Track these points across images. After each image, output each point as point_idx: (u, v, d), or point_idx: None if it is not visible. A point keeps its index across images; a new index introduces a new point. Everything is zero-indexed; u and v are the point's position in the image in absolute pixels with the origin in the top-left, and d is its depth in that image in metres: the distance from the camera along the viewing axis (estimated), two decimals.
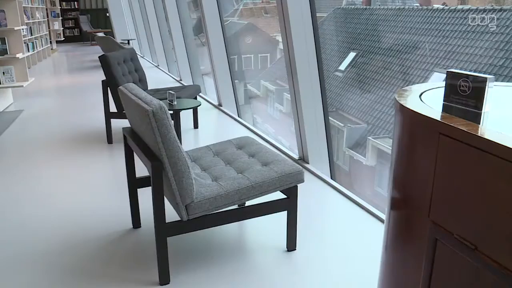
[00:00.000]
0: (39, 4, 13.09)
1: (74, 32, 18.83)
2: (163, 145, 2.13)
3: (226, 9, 11.31)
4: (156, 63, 10.86)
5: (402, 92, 1.64)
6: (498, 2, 14.51)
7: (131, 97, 2.37)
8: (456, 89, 1.46)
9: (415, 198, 1.44)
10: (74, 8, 18.76)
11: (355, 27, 11.37)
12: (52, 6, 16.64)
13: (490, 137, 1.16)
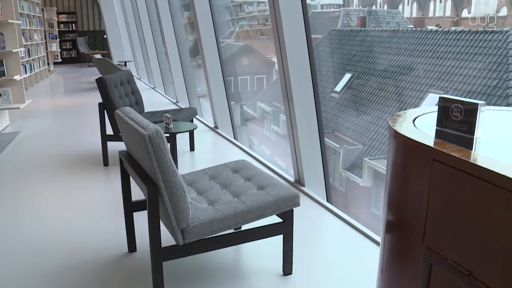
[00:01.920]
0: (37, 26, 13.20)
1: (72, 53, 18.94)
2: (159, 169, 2.14)
3: (222, 31, 11.41)
4: (153, 85, 10.91)
5: (395, 117, 1.66)
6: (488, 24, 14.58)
7: (127, 121, 2.38)
8: (448, 115, 1.48)
9: (409, 223, 1.45)
10: (72, 30, 18.90)
11: (351, 48, 11.49)
12: (50, 28, 16.77)
13: (482, 164, 1.17)
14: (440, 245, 1.30)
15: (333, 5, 16.89)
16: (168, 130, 4.08)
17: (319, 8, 14.83)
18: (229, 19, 10.20)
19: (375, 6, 16.25)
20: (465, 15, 16.40)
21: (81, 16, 19.04)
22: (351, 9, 14.36)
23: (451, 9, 17.52)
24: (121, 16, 14.43)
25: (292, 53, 3.74)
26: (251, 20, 10.97)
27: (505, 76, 7.77)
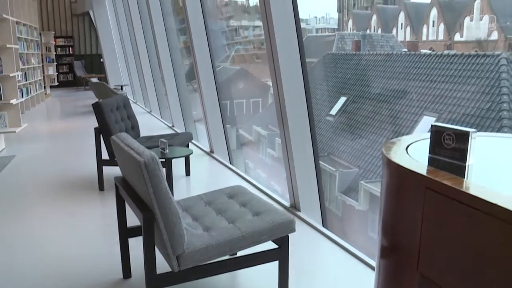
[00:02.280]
0: (35, 50, 13.27)
1: (68, 77, 19.01)
2: (155, 195, 2.14)
3: (218, 55, 11.54)
4: (149, 109, 10.95)
5: (389, 145, 1.67)
6: (482, 48, 14.93)
7: (123, 147, 2.39)
8: (441, 142, 1.50)
9: (404, 250, 1.45)
10: (69, 54, 19.01)
11: (346, 72, 11.61)
12: (48, 52, 16.86)
13: (474, 192, 1.19)
14: (434, 272, 1.31)
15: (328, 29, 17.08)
16: (164, 156, 4.09)
17: (314, 32, 15.01)
18: (225, 43, 10.32)
19: (369, 30, 16.45)
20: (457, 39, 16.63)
21: (78, 40, 19.18)
22: (345, 33, 14.54)
23: (444, 33, 17.77)
24: (118, 40, 14.56)
25: (286, 77, 3.78)
26: (246, 45, 11.10)
27: (498, 99, 7.86)
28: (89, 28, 19.13)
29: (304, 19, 15.00)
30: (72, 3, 18.90)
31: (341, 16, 25.47)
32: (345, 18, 23.31)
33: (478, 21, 17.94)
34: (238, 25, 11.27)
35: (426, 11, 20.04)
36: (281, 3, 3.71)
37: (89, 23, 19.03)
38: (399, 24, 19.00)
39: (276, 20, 3.70)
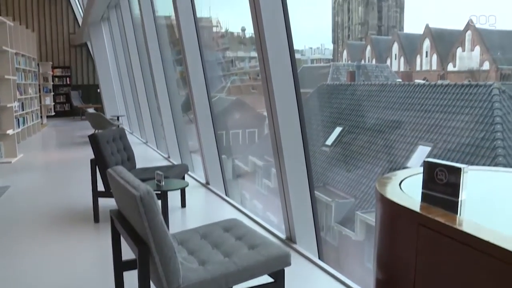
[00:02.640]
0: (32, 80, 13.36)
1: (65, 107, 19.09)
2: (150, 229, 2.14)
3: (214, 85, 11.65)
4: (145, 139, 10.97)
5: (382, 180, 1.69)
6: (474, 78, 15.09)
7: (119, 180, 2.40)
8: (433, 178, 1.52)
9: (398, 285, 1.46)
10: (66, 84, 19.13)
11: (341, 102, 11.71)
12: (45, 82, 16.99)
13: (467, 229, 1.20)
14: None
15: (323, 59, 17.30)
16: (160, 188, 4.09)
17: (309, 63, 15.20)
18: (221, 74, 10.43)
19: (364, 60, 16.66)
20: (450, 69, 16.83)
21: (76, 70, 19.35)
22: (340, 64, 14.73)
23: (437, 63, 18.01)
24: (115, 70, 14.69)
25: (281, 108, 3.82)
26: (242, 75, 11.22)
27: (491, 128, 7.93)
28: (87, 58, 19.33)
29: (299, 50, 15.23)
30: (71, 34, 19.14)
31: (336, 47, 25.81)
32: (340, 49, 23.63)
33: (470, 51, 18.24)
34: (234, 56, 11.42)
35: (419, 41, 20.35)
36: (276, 35, 3.78)
37: (86, 53, 19.24)
38: (393, 55, 19.28)
39: (271, 51, 3.76)
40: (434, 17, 39.30)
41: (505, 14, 7.81)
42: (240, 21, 17.76)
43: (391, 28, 29.00)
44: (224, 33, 12.89)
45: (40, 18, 18.75)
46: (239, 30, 15.57)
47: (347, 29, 30.19)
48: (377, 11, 29.58)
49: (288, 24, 3.83)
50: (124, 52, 12.08)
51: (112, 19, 12.97)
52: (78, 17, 19.01)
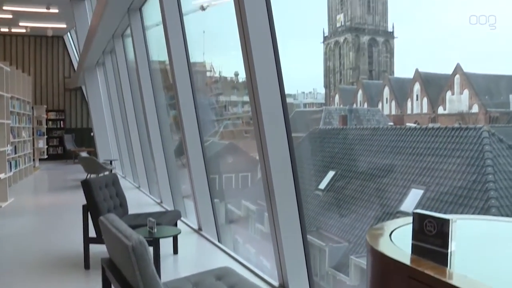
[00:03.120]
0: (26, 124, 13.40)
1: (58, 150, 19.07)
2: (142, 279, 2.12)
3: (207, 129, 11.75)
4: (138, 184, 10.94)
5: (373, 232, 1.71)
6: (464, 120, 15.22)
7: (111, 229, 2.40)
8: (423, 229, 1.54)
9: None
10: (59, 127, 19.19)
11: (333, 146, 11.81)
12: (39, 125, 17.03)
13: (457, 283, 1.21)
14: None
15: (316, 104, 17.57)
16: (152, 235, 4.07)
17: (301, 107, 15.44)
18: (214, 119, 10.54)
19: (355, 104, 16.89)
20: (441, 112, 17.04)
21: (70, 113, 19.48)
22: (332, 108, 14.96)
23: (428, 106, 18.26)
24: (109, 114, 14.78)
25: (273, 152, 3.85)
26: (235, 120, 11.34)
27: (483, 170, 8.00)
28: (81, 102, 19.48)
29: (292, 94, 15.52)
30: (66, 78, 19.37)
31: (328, 91, 26.19)
32: (332, 93, 23.99)
33: (459, 95, 18.58)
34: (227, 101, 11.56)
35: (410, 85, 20.76)
36: (268, 80, 3.86)
37: (81, 97, 19.41)
38: (385, 98, 19.62)
39: (263, 96, 3.82)
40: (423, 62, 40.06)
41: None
42: (233, 66, 18.13)
43: (382, 72, 29.63)
44: (218, 78, 13.08)
45: (36, 62, 19.02)
46: (232, 75, 15.86)
47: (338, 73, 30.78)
48: (368, 56, 30.27)
49: (280, 69, 3.92)
50: (118, 96, 12.20)
51: (107, 64, 13.16)
52: (74, 62, 19.29)
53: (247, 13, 3.78)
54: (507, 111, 17.45)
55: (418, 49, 40.84)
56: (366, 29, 32.73)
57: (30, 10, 13.76)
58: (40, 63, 19.12)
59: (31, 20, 15.46)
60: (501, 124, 15.32)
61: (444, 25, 39.57)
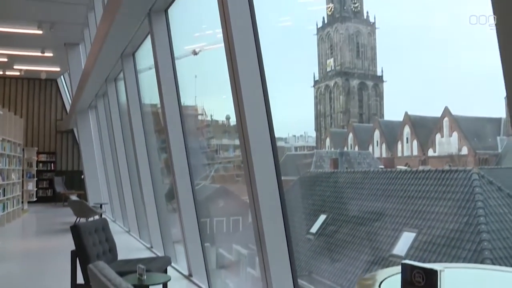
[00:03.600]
0: (16, 166, 13.32)
1: (48, 192, 18.88)
2: None
3: (198, 173, 11.75)
4: (128, 228, 10.81)
5: (363, 282, 1.71)
6: (454, 162, 15.32)
7: (100, 278, 2.37)
8: (411, 280, 1.54)
9: None
10: (50, 170, 19.07)
11: (324, 190, 11.82)
12: (29, 167, 16.90)
13: None
14: None
15: (307, 147, 17.65)
16: (141, 282, 4.00)
17: (293, 150, 15.51)
18: (206, 162, 10.55)
19: (346, 147, 17.01)
20: (431, 154, 17.20)
21: (61, 156, 19.41)
22: (323, 152, 15.06)
23: (418, 148, 18.43)
24: (100, 158, 14.74)
25: (263, 196, 3.86)
26: (227, 164, 11.37)
27: (474, 212, 8.04)
28: (72, 145, 19.45)
29: (283, 138, 15.66)
30: (58, 120, 19.41)
31: (319, 134, 26.41)
32: (323, 136, 24.18)
33: (448, 137, 18.82)
34: (219, 144, 11.61)
35: (400, 128, 20.99)
36: (258, 123, 3.90)
37: (72, 140, 19.40)
38: (375, 141, 19.82)
39: (253, 140, 3.86)
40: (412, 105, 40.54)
41: None
42: (225, 110, 18.31)
43: (372, 115, 30.05)
44: (209, 122, 13.18)
45: (29, 104, 19.10)
46: (224, 119, 16.01)
47: (329, 117, 31.19)
48: (358, 99, 30.80)
49: (270, 113, 3.97)
50: (110, 139, 12.21)
51: (99, 107, 13.24)
52: (66, 104, 19.39)
53: (237, 58, 3.87)
54: (496, 153, 17.69)
55: (407, 92, 41.53)
56: (355, 73, 33.43)
57: (25, 53, 13.94)
58: (32, 105, 19.20)
59: (26, 63, 15.64)
60: (490, 166, 15.50)
61: (432, 69, 40.44)
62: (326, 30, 34.33)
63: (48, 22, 11.36)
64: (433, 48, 43.51)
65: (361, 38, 33.50)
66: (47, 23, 11.36)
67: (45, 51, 13.45)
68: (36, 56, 13.85)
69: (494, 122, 17.61)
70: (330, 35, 33.88)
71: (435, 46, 42.85)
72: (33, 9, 10.84)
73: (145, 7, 6.01)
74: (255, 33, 4.00)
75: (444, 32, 41.86)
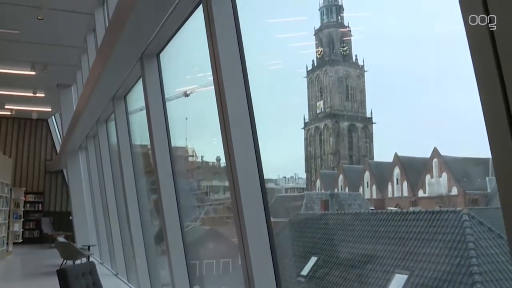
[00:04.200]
0: (3, 206, 13.15)
1: (34, 233, 18.55)
2: None
3: (188, 214, 11.67)
4: (116, 271, 10.62)
5: None
6: (444, 203, 15.36)
7: None
8: None
9: None
10: (37, 210, 18.81)
11: (315, 232, 11.74)
12: (16, 207, 16.67)
13: None
14: None
15: (297, 188, 17.64)
16: None
17: (283, 192, 15.48)
18: (196, 204, 10.48)
19: (337, 189, 17.02)
20: (421, 195, 17.27)
21: (49, 196, 19.20)
22: (314, 193, 15.04)
23: (408, 189, 18.51)
24: (89, 199, 14.61)
25: (252, 238, 3.84)
26: (217, 205, 11.31)
27: (466, 253, 8.02)
28: (61, 185, 19.29)
29: (273, 179, 15.64)
30: (48, 161, 19.30)
31: (309, 176, 26.44)
32: (313, 178, 24.21)
33: (438, 178, 18.94)
34: (209, 186, 11.57)
35: (389, 169, 21.10)
36: (247, 165, 3.92)
37: (61, 180, 19.25)
38: (365, 183, 19.86)
39: (242, 181, 3.87)
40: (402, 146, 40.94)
41: None
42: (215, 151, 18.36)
43: (361, 157, 30.24)
44: (200, 164, 13.17)
45: (19, 143, 19.01)
46: (214, 160, 16.01)
47: (319, 158, 31.33)
48: (347, 141, 31.04)
49: (259, 155, 4.00)
50: (99, 180, 12.16)
51: (89, 148, 13.22)
52: (57, 144, 19.34)
53: (227, 100, 3.94)
54: (485, 193, 17.79)
55: (396, 133, 41.98)
56: (345, 115, 33.84)
57: (17, 94, 14.00)
58: (22, 145, 19.11)
59: (17, 103, 15.69)
60: (480, 206, 15.55)
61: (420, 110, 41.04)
62: (316, 73, 34.98)
63: (41, 64, 11.48)
64: (421, 90, 44.35)
65: (350, 80, 34.14)
66: (40, 64, 11.49)
67: (37, 91, 13.53)
68: (28, 96, 13.91)
69: (483, 163, 17.77)
70: (320, 77, 34.50)
71: (423, 88, 43.69)
72: (28, 50, 10.98)
73: (138, 52, 6.11)
74: (245, 76, 4.08)
75: (432, 73, 42.77)
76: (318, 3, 39.46)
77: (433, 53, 45.37)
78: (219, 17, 4.06)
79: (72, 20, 9.64)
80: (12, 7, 8.81)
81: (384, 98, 49.27)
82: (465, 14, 1.78)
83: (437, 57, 43.04)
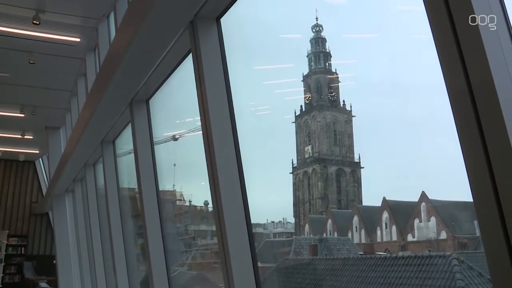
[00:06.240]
0: None
1: (15, 278, 18.05)
2: None
3: (175, 259, 11.48)
4: None
5: None
6: (434, 247, 15.23)
7: None
8: None
9: None
10: (20, 254, 18.37)
11: (304, 277, 11.59)
12: None
13: None
14: None
15: (285, 233, 17.53)
16: None
17: (271, 237, 15.35)
18: (183, 249, 10.35)
19: (325, 233, 16.93)
20: (410, 239, 17.20)
21: (33, 239, 18.80)
22: (302, 238, 14.94)
23: (397, 234, 18.44)
24: (74, 243, 14.37)
25: (239, 284, 3.82)
26: (204, 250, 11.18)
27: None
28: (46, 228, 18.94)
29: (261, 224, 15.54)
30: (33, 203, 19.02)
31: (298, 220, 26.34)
32: (302, 222, 24.11)
33: (426, 222, 18.92)
34: (197, 230, 11.47)
35: (378, 214, 21.07)
36: (234, 210, 3.94)
37: (46, 223, 18.91)
38: (354, 227, 19.78)
39: (229, 226, 3.88)
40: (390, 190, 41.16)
41: None
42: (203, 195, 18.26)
43: (350, 201, 30.21)
44: (188, 208, 13.09)
45: (4, 185, 18.75)
46: (202, 204, 15.92)
47: (308, 203, 31.25)
48: (336, 186, 31.08)
49: (246, 199, 4.03)
50: (86, 224, 12.00)
51: (76, 191, 13.11)
52: (43, 187, 19.11)
53: (214, 145, 4.00)
54: (474, 237, 17.75)
55: (385, 177, 42.20)
56: (333, 160, 34.04)
57: (5, 135, 13.96)
58: (8, 186, 18.85)
59: (4, 145, 15.61)
60: (469, 250, 15.50)
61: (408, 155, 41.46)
62: (304, 118, 35.35)
63: (31, 106, 11.51)
64: (409, 135, 44.93)
65: (338, 125, 34.51)
66: (30, 107, 11.52)
67: (25, 133, 13.51)
68: (16, 138, 13.87)
69: (471, 206, 17.76)
70: (308, 122, 34.85)
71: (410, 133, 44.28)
72: (17, 93, 11.03)
73: (127, 98, 6.20)
74: (233, 121, 4.15)
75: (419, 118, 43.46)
76: (306, 50, 40.33)
77: (420, 100, 46.30)
78: (208, 64, 4.17)
79: (63, 64, 9.76)
80: (4, 51, 8.92)
81: (371, 142, 49.79)
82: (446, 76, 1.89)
83: (424, 105, 43.90)
